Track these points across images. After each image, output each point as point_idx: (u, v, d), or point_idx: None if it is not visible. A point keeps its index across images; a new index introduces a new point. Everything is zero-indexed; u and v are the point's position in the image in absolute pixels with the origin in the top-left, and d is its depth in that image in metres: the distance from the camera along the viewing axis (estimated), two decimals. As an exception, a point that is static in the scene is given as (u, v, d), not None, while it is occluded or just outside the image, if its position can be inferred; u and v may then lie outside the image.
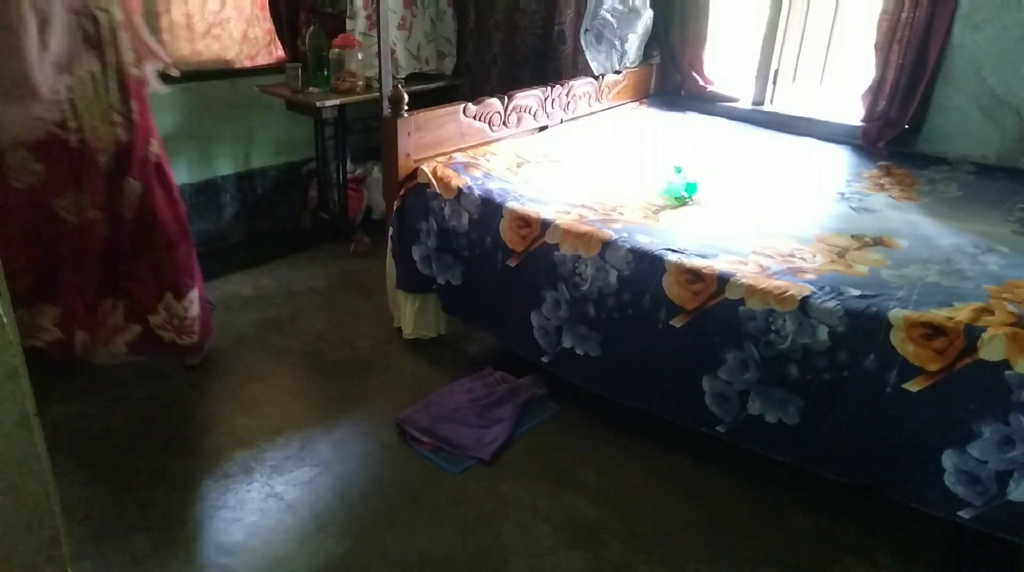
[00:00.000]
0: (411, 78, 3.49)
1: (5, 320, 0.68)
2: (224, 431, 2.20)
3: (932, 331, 1.62)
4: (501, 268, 2.29)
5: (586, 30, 3.23)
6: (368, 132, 3.77)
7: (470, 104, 2.65)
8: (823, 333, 1.73)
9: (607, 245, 2.06)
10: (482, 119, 2.71)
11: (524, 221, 2.23)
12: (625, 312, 2.03)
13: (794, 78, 3.47)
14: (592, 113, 3.31)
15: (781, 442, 1.87)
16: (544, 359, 2.27)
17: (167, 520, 1.86)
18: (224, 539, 1.80)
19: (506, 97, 2.80)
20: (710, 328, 1.89)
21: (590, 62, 3.27)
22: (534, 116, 2.96)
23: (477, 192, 2.33)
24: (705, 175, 2.60)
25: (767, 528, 1.91)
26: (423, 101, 2.77)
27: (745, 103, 3.50)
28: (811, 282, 1.84)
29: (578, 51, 3.28)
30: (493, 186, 2.38)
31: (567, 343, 2.18)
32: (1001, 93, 2.77)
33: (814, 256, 2.04)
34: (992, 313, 1.65)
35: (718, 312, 1.87)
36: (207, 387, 2.42)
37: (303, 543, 1.80)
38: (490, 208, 2.30)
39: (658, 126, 3.30)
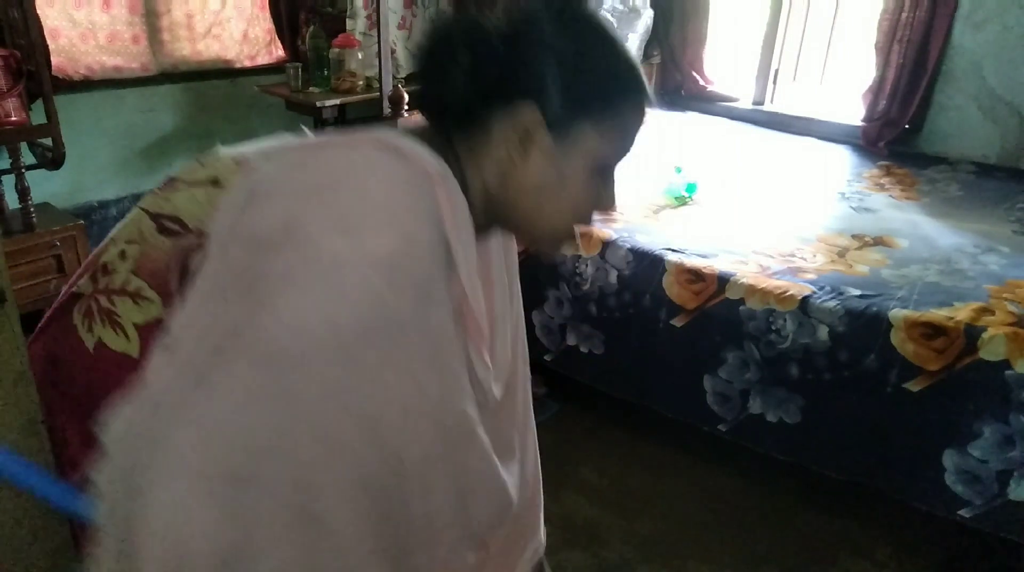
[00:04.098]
0: (411, 77, 3.49)
1: (11, 324, 0.69)
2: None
3: (932, 331, 1.63)
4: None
5: (586, 29, 3.22)
6: (368, 132, 3.76)
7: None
8: (823, 333, 1.74)
9: (607, 245, 2.06)
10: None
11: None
12: (626, 311, 2.04)
13: (794, 78, 3.47)
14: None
15: (782, 441, 1.88)
16: (547, 357, 2.28)
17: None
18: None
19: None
20: (711, 328, 1.89)
21: (590, 61, 3.25)
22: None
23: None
24: (705, 175, 2.59)
25: (768, 528, 1.92)
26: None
27: (745, 103, 3.49)
28: (811, 282, 1.84)
29: (578, 50, 3.27)
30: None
31: (571, 341, 2.19)
32: (1001, 93, 2.77)
33: (814, 256, 2.05)
34: (992, 313, 1.65)
35: (718, 312, 1.87)
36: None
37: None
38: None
39: (658, 126, 3.30)
